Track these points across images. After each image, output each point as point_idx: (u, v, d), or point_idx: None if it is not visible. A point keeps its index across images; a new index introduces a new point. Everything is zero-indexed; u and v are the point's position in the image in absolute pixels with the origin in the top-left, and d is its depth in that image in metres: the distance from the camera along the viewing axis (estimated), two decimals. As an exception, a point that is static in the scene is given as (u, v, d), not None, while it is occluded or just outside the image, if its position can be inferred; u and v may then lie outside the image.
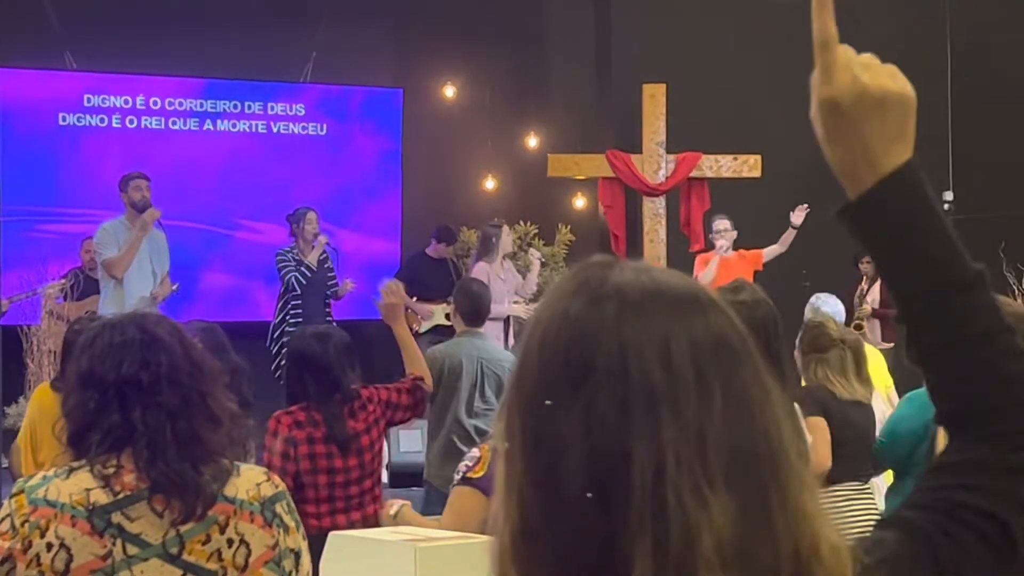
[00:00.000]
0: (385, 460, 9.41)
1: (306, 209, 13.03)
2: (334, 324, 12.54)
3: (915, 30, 17.07)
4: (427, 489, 8.63)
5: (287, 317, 12.53)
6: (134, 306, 10.72)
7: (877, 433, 6.93)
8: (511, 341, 13.03)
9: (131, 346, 3.11)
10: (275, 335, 12.74)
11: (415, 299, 13.87)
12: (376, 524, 6.39)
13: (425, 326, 13.78)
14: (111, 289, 11.37)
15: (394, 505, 5.70)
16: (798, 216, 14.04)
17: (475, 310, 8.76)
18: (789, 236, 14.00)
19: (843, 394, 6.85)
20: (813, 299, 10.52)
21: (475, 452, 5.57)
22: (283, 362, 8.65)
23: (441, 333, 13.25)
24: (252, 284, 15.17)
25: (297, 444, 6.41)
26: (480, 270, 12.94)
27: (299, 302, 12.62)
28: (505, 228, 13.35)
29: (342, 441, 6.49)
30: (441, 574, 4.64)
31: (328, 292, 12.94)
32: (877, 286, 15.34)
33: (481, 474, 5.39)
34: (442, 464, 8.42)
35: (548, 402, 1.42)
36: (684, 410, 1.39)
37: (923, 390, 6.79)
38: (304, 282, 12.64)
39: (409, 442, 11.75)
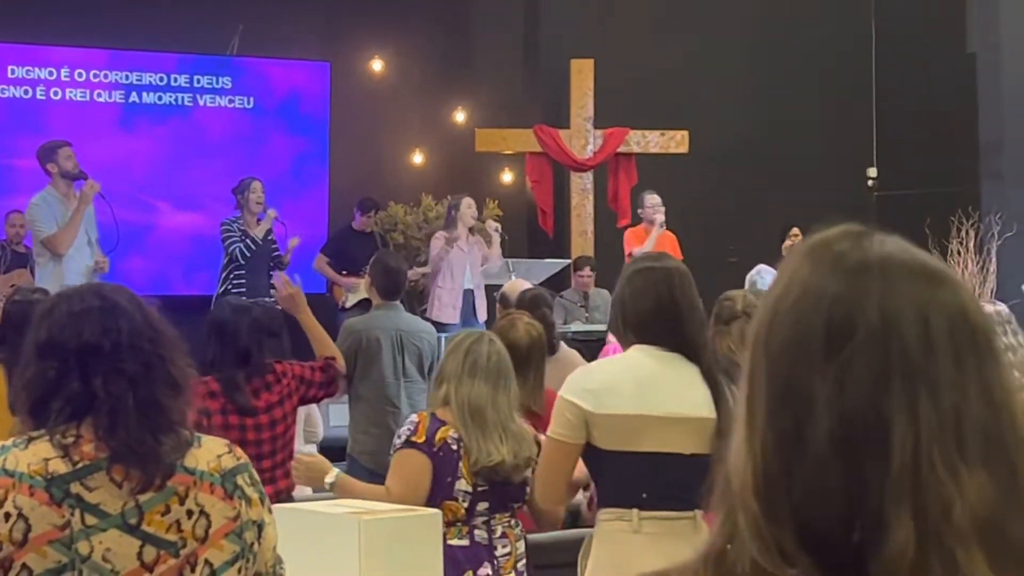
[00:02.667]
0: (320, 436, 9.41)
1: (251, 179, 12.88)
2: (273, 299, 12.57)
3: (840, 11, 17.19)
4: (349, 463, 8.62)
5: (230, 288, 12.44)
6: (77, 279, 10.57)
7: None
8: (481, 314, 13.02)
9: (91, 313, 3.08)
10: None
11: (343, 273, 13.85)
12: (288, 498, 6.41)
13: (352, 299, 13.75)
14: (48, 264, 10.98)
15: (330, 474, 5.70)
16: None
17: (391, 284, 8.78)
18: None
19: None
20: (753, 272, 10.58)
21: (413, 418, 5.59)
22: None
23: (366, 306, 13.22)
24: (175, 257, 15.09)
25: (211, 414, 6.36)
26: (437, 246, 12.98)
27: (242, 272, 12.51)
28: (466, 201, 13.31)
29: (248, 412, 6.47)
30: (385, 546, 4.65)
31: (272, 263, 12.83)
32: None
33: (423, 438, 5.43)
34: (363, 437, 8.44)
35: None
36: (941, 386, 1.43)
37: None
38: (248, 255, 12.53)
39: (338, 416, 11.70)
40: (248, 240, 12.51)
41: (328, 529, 4.73)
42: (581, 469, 4.81)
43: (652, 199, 13.87)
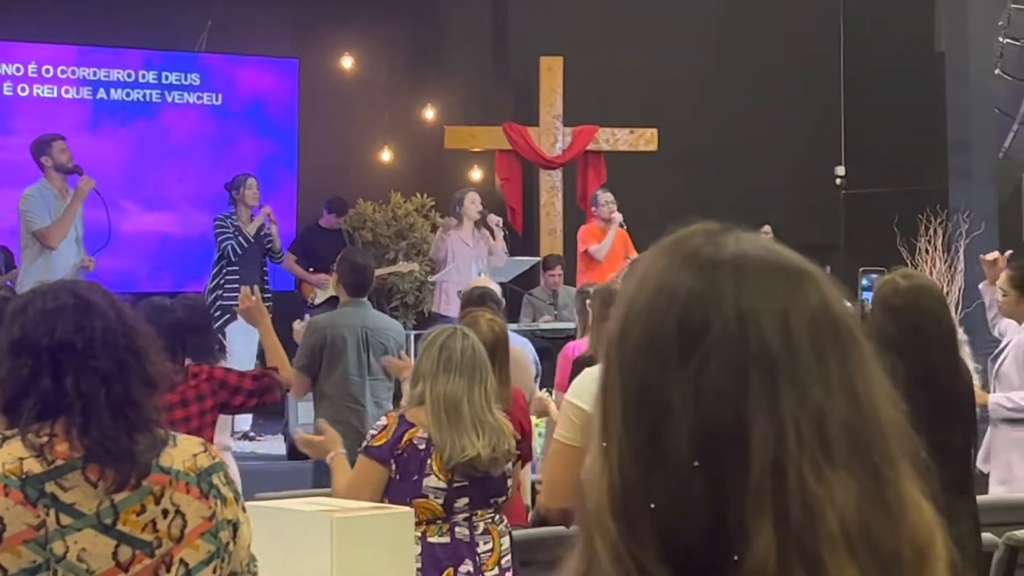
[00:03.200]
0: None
1: (246, 176, 12.88)
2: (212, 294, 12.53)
3: (809, 9, 17.24)
4: (315, 461, 8.60)
5: (223, 282, 12.42)
6: (66, 274, 10.52)
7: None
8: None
9: (64, 311, 3.06)
10: (210, 300, 12.56)
11: (310, 270, 13.83)
12: None
13: (320, 296, 13.72)
14: (37, 258, 10.92)
15: (331, 453, 5.76)
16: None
17: (358, 281, 8.78)
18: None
19: None
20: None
21: (382, 420, 5.61)
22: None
23: (335, 304, 13.21)
24: (151, 252, 15.05)
25: None
26: (443, 241, 13.03)
27: (235, 268, 12.50)
28: (470, 196, 13.34)
29: None
30: (357, 544, 4.65)
31: (264, 259, 12.83)
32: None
33: (381, 442, 5.44)
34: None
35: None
36: (804, 384, 1.37)
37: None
38: (240, 252, 12.51)
39: (307, 414, 11.68)
40: (241, 237, 12.51)
41: (301, 527, 4.73)
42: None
43: (606, 196, 13.88)
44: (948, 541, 1.46)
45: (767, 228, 15.50)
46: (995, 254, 9.20)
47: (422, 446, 5.39)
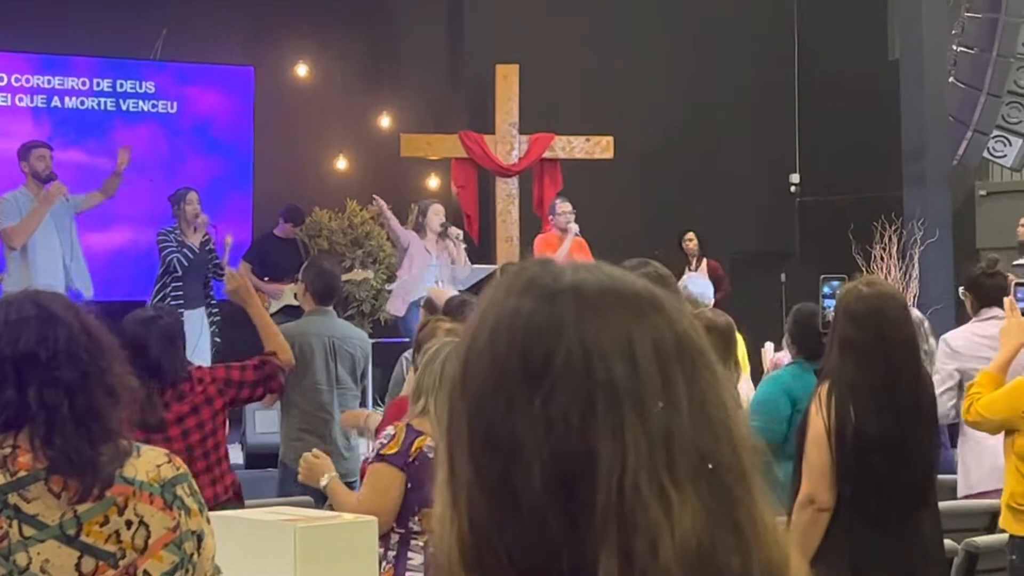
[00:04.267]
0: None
1: (187, 190, 12.82)
2: (209, 305, 12.52)
3: (763, 17, 17.30)
4: (281, 470, 8.56)
5: (168, 295, 12.35)
6: (46, 281, 10.62)
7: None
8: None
9: (27, 322, 3.04)
10: None
11: (265, 279, 13.79)
12: (216, 507, 6.33)
13: (275, 306, 13.68)
14: (17, 264, 11.09)
15: (325, 476, 5.73)
16: None
17: (326, 288, 8.72)
18: None
19: None
20: (684, 278, 10.63)
21: (390, 430, 5.60)
22: None
23: (290, 313, 13.18)
24: (107, 261, 14.97)
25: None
26: (407, 237, 13.10)
27: (180, 283, 12.45)
28: (433, 207, 13.40)
29: (153, 427, 6.27)
30: (320, 554, 4.63)
31: (209, 273, 12.77)
32: (704, 266, 15.50)
33: (395, 450, 5.44)
34: (297, 444, 8.34)
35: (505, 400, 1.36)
36: (650, 410, 1.34)
37: (783, 371, 6.90)
38: (186, 264, 12.46)
39: (265, 423, 11.64)
40: (186, 249, 12.45)
41: (264, 537, 4.71)
42: None
43: (564, 206, 13.89)
44: (803, 564, 1.44)
45: (691, 234, 15.60)
46: None
47: (431, 454, 5.38)
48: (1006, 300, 6.47)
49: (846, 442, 4.93)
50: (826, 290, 6.10)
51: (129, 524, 3.02)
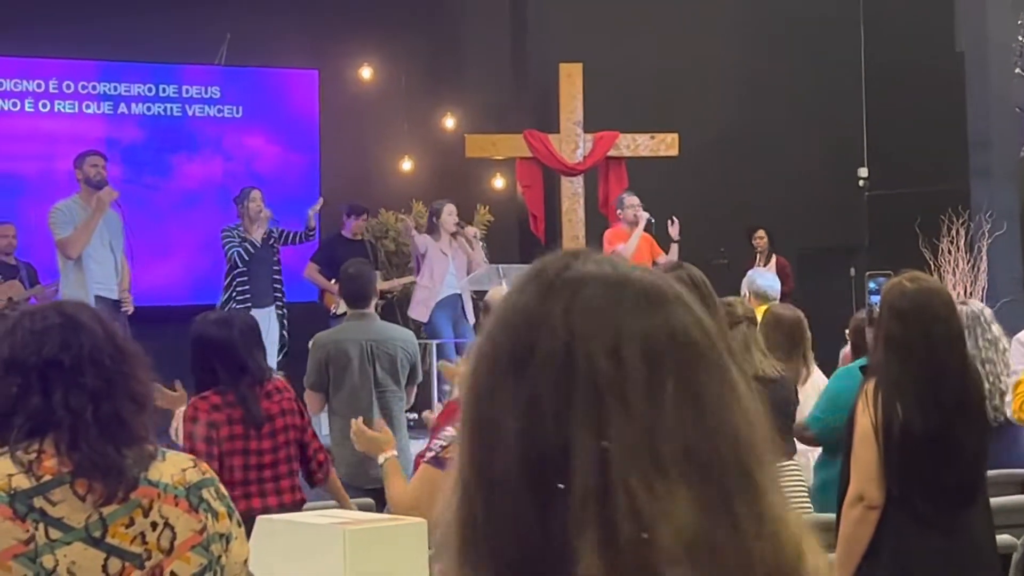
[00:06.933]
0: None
1: (250, 188, 12.93)
2: (279, 305, 12.61)
3: (829, 11, 17.19)
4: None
5: (234, 295, 12.43)
6: (101, 290, 10.92)
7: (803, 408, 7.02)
8: (471, 317, 13.09)
9: (52, 330, 3.09)
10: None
11: (332, 281, 13.86)
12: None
13: (343, 306, 13.75)
14: (72, 272, 11.12)
15: (383, 454, 5.71)
16: (675, 230, 13.93)
17: (356, 290, 8.72)
18: (674, 252, 13.78)
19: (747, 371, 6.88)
20: (751, 273, 10.61)
21: (450, 431, 5.55)
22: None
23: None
24: (179, 268, 15.09)
25: (219, 427, 6.34)
26: (422, 242, 13.04)
27: (245, 279, 12.52)
28: (447, 207, 13.38)
29: (259, 421, 6.39)
30: (370, 556, 4.64)
31: (274, 268, 12.86)
32: (773, 263, 15.46)
33: (452, 455, 5.40)
34: (339, 451, 8.34)
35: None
36: (633, 404, 1.35)
37: (851, 366, 6.85)
38: (247, 257, 12.52)
39: (319, 427, 11.69)
40: (247, 244, 12.52)
41: (315, 539, 4.73)
42: None
43: (631, 199, 13.83)
44: (824, 560, 1.44)
45: (761, 232, 15.54)
46: None
47: None
48: None
49: (892, 439, 4.88)
50: (872, 285, 6.09)
51: (154, 526, 3.06)
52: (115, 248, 11.35)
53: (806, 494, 6.72)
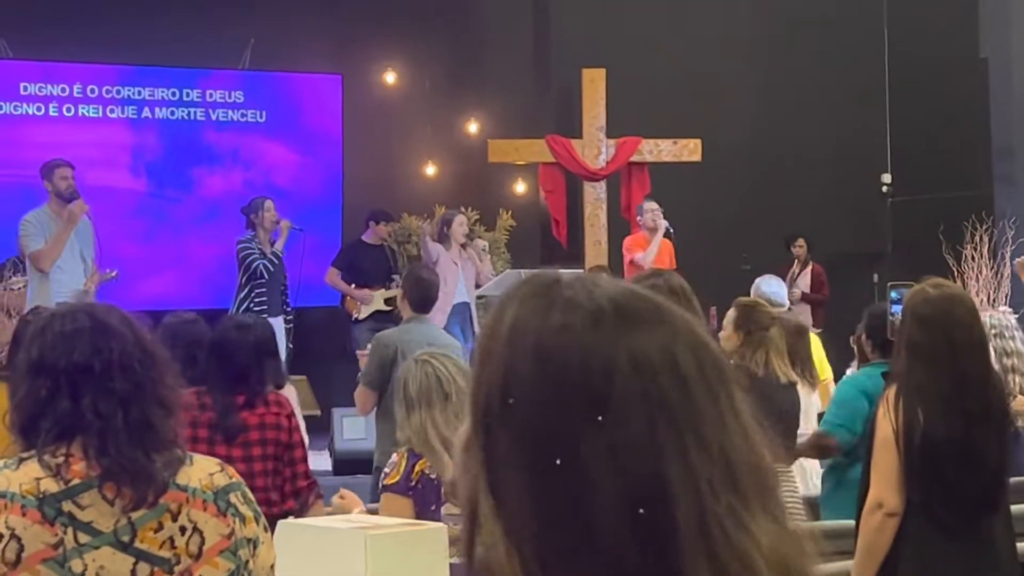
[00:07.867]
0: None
1: (263, 199, 12.85)
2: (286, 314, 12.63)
3: (852, 17, 17.17)
4: (375, 475, 8.58)
5: (251, 305, 12.40)
6: (66, 298, 10.55)
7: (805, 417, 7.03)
8: (475, 327, 13.10)
9: (82, 334, 3.09)
10: None
11: (353, 285, 13.89)
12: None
13: (365, 312, 13.78)
14: (37, 281, 10.89)
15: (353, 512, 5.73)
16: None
17: (423, 296, 8.75)
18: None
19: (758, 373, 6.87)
20: (758, 280, 10.62)
21: (393, 457, 5.61)
22: None
23: (379, 319, 13.29)
24: (191, 274, 15.12)
25: (198, 425, 6.19)
26: (435, 249, 13.05)
27: (263, 290, 12.53)
28: (458, 218, 13.46)
29: (227, 430, 6.24)
30: (391, 561, 4.65)
31: (286, 281, 12.87)
32: (809, 270, 15.47)
33: (396, 479, 5.46)
34: (392, 451, 8.34)
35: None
36: (704, 425, 1.33)
37: (860, 372, 6.84)
38: (272, 269, 12.55)
39: (353, 430, 11.72)
40: (272, 256, 12.54)
41: (336, 544, 4.74)
42: None
43: (651, 205, 13.83)
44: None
45: (801, 241, 15.56)
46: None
47: (432, 474, 5.41)
48: None
49: (914, 446, 4.88)
50: (894, 295, 6.08)
51: (183, 530, 3.06)
52: (86, 256, 11.09)
53: (800, 502, 6.72)
